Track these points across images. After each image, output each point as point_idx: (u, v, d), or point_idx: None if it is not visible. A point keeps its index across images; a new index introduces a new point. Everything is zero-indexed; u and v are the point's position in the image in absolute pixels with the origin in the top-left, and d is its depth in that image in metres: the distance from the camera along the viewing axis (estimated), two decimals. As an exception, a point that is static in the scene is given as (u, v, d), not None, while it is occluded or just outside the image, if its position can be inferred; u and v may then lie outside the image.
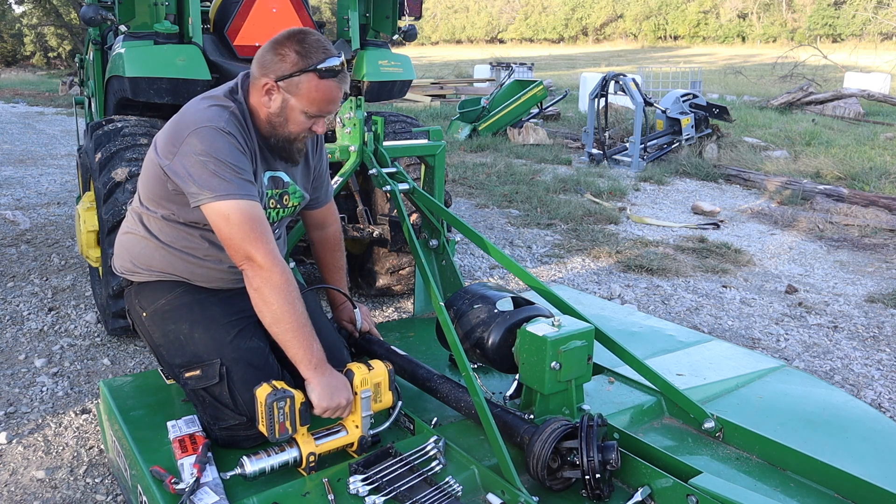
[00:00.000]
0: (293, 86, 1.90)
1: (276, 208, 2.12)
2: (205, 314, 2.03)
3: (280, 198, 2.12)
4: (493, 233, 5.57)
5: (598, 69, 21.54)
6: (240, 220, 1.82)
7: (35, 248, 4.93)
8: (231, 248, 1.85)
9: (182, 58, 3.24)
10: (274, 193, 2.10)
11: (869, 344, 3.58)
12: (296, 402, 1.81)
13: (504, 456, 1.79)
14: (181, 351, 2.01)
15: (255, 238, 1.82)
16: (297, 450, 1.84)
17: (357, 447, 1.92)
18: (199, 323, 2.01)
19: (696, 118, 9.03)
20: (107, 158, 3.17)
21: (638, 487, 1.78)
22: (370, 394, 1.93)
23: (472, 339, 2.15)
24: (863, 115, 12.07)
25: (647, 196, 7.16)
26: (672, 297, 4.18)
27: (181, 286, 2.08)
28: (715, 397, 2.36)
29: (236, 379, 1.93)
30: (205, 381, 1.96)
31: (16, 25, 37.04)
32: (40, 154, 9.41)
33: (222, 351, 1.96)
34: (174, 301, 2.06)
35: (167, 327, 2.05)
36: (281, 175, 2.11)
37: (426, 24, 68.11)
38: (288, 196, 2.14)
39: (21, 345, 3.40)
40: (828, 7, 44.71)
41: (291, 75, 1.88)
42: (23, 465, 2.44)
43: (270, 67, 1.90)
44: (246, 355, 1.96)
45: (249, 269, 1.84)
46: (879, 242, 5.47)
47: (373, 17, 3.92)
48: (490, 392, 2.20)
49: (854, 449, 2.08)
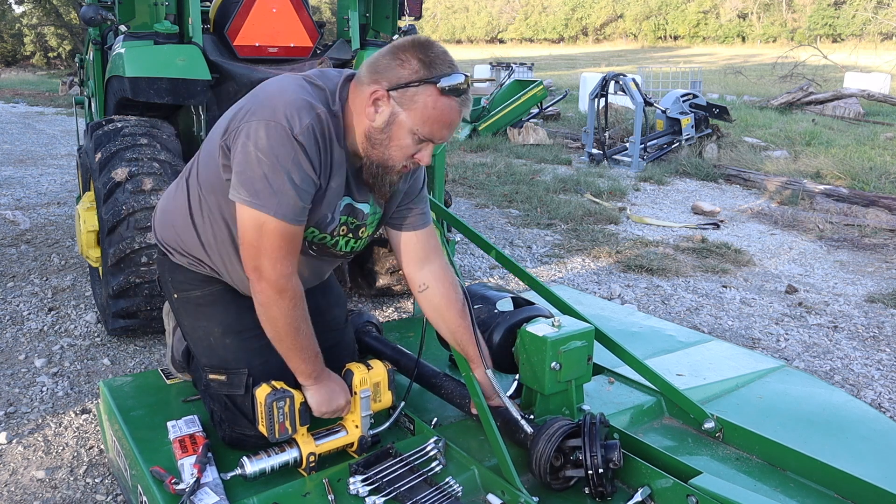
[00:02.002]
0: (408, 98, 1.63)
1: (347, 237, 1.92)
2: (239, 320, 1.96)
3: (356, 229, 1.92)
4: (493, 233, 5.57)
5: (598, 69, 21.54)
6: (267, 235, 1.67)
7: (35, 248, 4.93)
8: (245, 253, 1.73)
9: (182, 58, 3.24)
10: (349, 221, 1.89)
11: (869, 344, 3.58)
12: (295, 401, 1.81)
13: (504, 456, 1.79)
14: (209, 352, 1.97)
15: (273, 257, 1.68)
16: (297, 450, 1.84)
17: (357, 447, 1.92)
18: (232, 329, 1.95)
19: (696, 118, 9.03)
20: (107, 158, 3.17)
21: (638, 488, 1.78)
22: (369, 394, 1.93)
23: (472, 339, 2.15)
24: (863, 115, 12.07)
25: (647, 196, 7.15)
26: (672, 297, 4.18)
27: (217, 283, 1.99)
28: (715, 397, 2.36)
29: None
30: (229, 389, 1.93)
31: (16, 25, 37.01)
32: (40, 154, 9.41)
33: (251, 362, 1.92)
34: (208, 297, 1.99)
35: (198, 322, 2.00)
36: (362, 207, 1.88)
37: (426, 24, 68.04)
38: (364, 228, 1.93)
39: (21, 345, 3.40)
40: (828, 7, 44.70)
41: (408, 85, 1.62)
42: (23, 465, 2.44)
43: (385, 73, 1.64)
44: (274, 370, 1.91)
45: (256, 283, 1.73)
46: (879, 242, 5.47)
47: (373, 17, 3.92)
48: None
49: (854, 449, 2.08)
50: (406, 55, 1.63)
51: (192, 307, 2.01)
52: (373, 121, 1.67)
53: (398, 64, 1.63)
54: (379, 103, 1.66)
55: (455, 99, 1.64)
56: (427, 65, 1.62)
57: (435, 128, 1.66)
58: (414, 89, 1.62)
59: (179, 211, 1.96)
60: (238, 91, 3.58)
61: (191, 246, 1.96)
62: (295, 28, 3.65)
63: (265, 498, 1.72)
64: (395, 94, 1.64)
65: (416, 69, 1.62)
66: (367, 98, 1.67)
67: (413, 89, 1.62)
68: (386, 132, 1.67)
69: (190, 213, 1.93)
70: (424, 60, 1.62)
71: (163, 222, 2.04)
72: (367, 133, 1.70)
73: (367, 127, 1.69)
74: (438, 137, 1.68)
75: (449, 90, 1.62)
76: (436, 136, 1.68)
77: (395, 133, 1.67)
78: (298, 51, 3.72)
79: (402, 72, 1.63)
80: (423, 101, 1.63)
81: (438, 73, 1.62)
